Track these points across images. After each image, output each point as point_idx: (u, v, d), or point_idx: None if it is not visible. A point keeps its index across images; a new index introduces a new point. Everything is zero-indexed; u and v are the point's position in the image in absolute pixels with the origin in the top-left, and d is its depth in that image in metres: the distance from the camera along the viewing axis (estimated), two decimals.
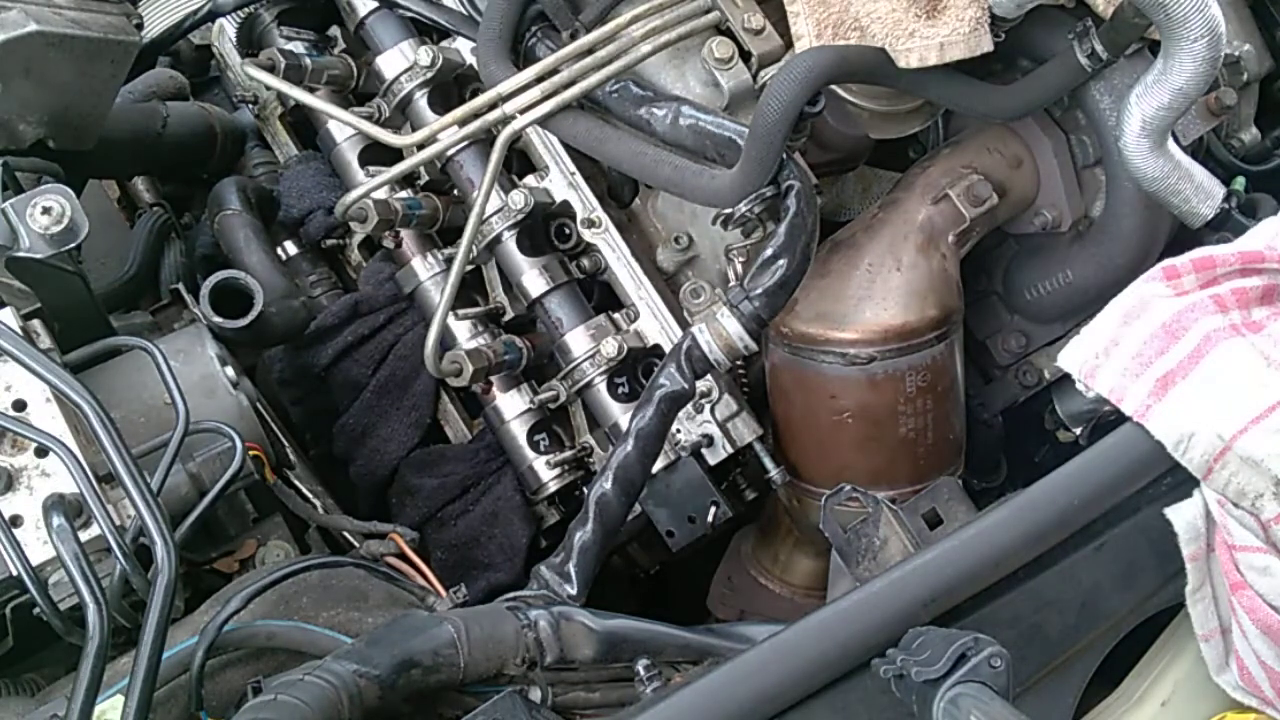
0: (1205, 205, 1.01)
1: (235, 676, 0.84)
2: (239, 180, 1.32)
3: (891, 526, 0.84)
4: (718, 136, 1.04)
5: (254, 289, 1.08)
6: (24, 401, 0.85)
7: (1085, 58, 1.01)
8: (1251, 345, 0.78)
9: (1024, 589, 0.77)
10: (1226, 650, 0.79)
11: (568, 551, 0.97)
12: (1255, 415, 0.73)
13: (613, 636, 0.86)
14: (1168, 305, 0.81)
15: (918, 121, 1.15)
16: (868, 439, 1.12)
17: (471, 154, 1.21)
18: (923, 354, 1.09)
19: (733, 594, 1.35)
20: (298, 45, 1.31)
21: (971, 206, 1.13)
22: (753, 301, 1.01)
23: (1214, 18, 0.91)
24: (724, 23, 1.10)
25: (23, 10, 0.98)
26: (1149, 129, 0.97)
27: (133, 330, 1.14)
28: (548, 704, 0.83)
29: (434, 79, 1.23)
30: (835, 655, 0.73)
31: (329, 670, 0.73)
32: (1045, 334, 1.26)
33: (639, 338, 1.18)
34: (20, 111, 1.04)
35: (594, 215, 1.19)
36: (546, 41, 1.16)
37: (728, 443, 1.15)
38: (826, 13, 1.03)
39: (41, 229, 0.90)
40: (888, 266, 1.10)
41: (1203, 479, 0.76)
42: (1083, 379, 0.83)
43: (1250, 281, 0.83)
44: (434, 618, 0.82)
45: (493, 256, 1.23)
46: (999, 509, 0.77)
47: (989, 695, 0.64)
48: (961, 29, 0.99)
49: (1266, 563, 0.74)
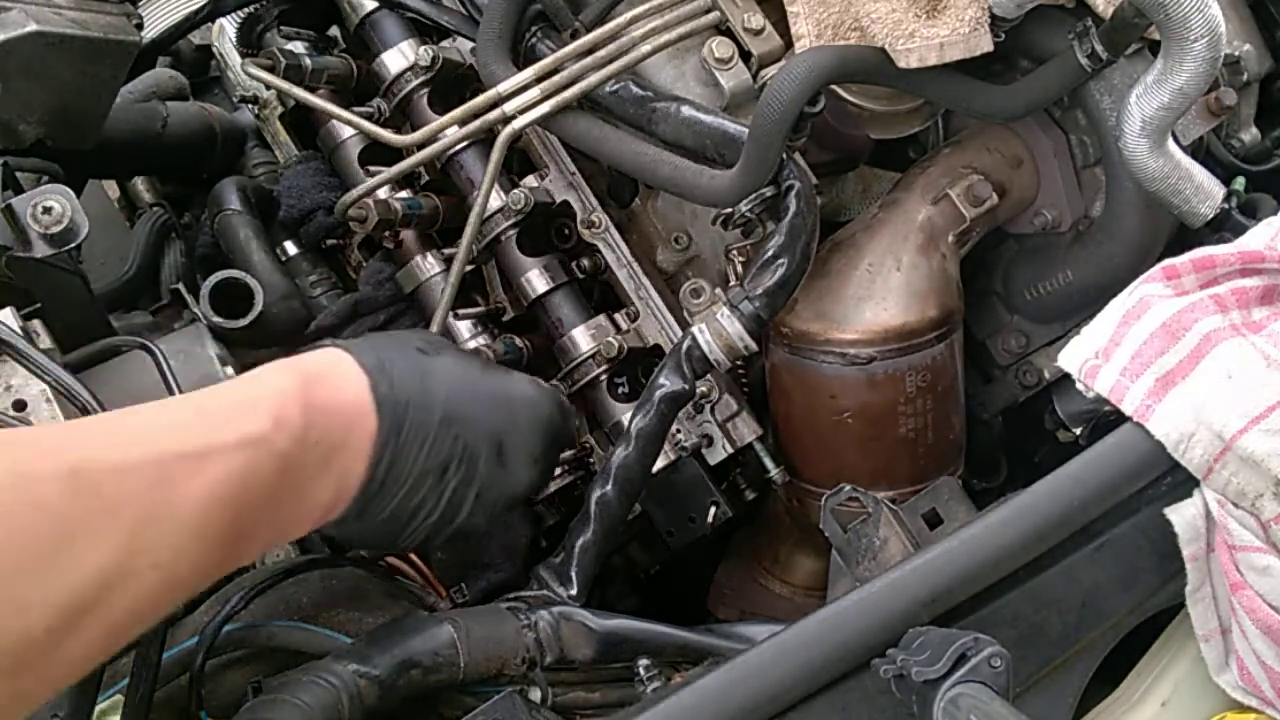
0: (1205, 205, 1.01)
1: (235, 676, 0.84)
2: (239, 180, 1.32)
3: (891, 526, 0.84)
4: (718, 136, 1.04)
5: (254, 289, 1.08)
6: (24, 402, 0.85)
7: (1085, 58, 1.01)
8: (1251, 345, 0.78)
9: (1024, 589, 0.77)
10: (1226, 650, 0.79)
11: (568, 552, 0.97)
12: (1255, 415, 0.73)
13: (613, 636, 0.87)
14: (1168, 305, 0.81)
15: (918, 121, 1.15)
16: (868, 439, 1.12)
17: (472, 154, 1.21)
18: (923, 354, 1.09)
19: (733, 594, 1.35)
20: (298, 45, 1.31)
21: (971, 206, 1.13)
22: (753, 301, 1.01)
23: (1214, 18, 0.91)
24: (724, 23, 1.10)
25: (23, 10, 0.98)
26: (1149, 129, 0.97)
27: (133, 330, 1.14)
28: (548, 704, 0.83)
29: (434, 79, 1.23)
30: (835, 655, 0.73)
31: (329, 670, 0.73)
32: (1045, 334, 1.26)
33: (639, 338, 1.18)
34: (20, 111, 1.04)
35: (594, 215, 1.19)
36: (546, 41, 1.16)
37: (728, 443, 1.15)
38: (826, 13, 1.03)
39: (41, 229, 0.90)
40: (888, 266, 1.10)
41: (1203, 479, 0.76)
42: (1083, 379, 0.83)
43: (1250, 281, 0.83)
44: (434, 618, 0.82)
45: (493, 256, 1.23)
46: (999, 509, 0.77)
47: (989, 695, 0.64)
48: (961, 29, 0.99)
49: (1267, 563, 0.74)
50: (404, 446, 0.76)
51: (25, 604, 0.52)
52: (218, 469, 0.63)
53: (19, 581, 0.52)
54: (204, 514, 0.62)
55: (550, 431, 0.89)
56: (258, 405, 0.68)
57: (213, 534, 0.62)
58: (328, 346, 0.79)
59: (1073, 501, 0.77)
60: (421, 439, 0.77)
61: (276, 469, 0.67)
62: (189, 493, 0.61)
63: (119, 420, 0.65)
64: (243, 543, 0.66)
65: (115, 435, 0.62)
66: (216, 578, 0.66)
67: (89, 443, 0.60)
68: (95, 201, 1.48)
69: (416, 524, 0.79)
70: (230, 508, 0.63)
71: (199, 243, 1.36)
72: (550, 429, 0.89)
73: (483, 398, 0.84)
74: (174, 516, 0.60)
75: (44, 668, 0.54)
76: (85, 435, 0.62)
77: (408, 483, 0.77)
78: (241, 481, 0.64)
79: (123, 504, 0.57)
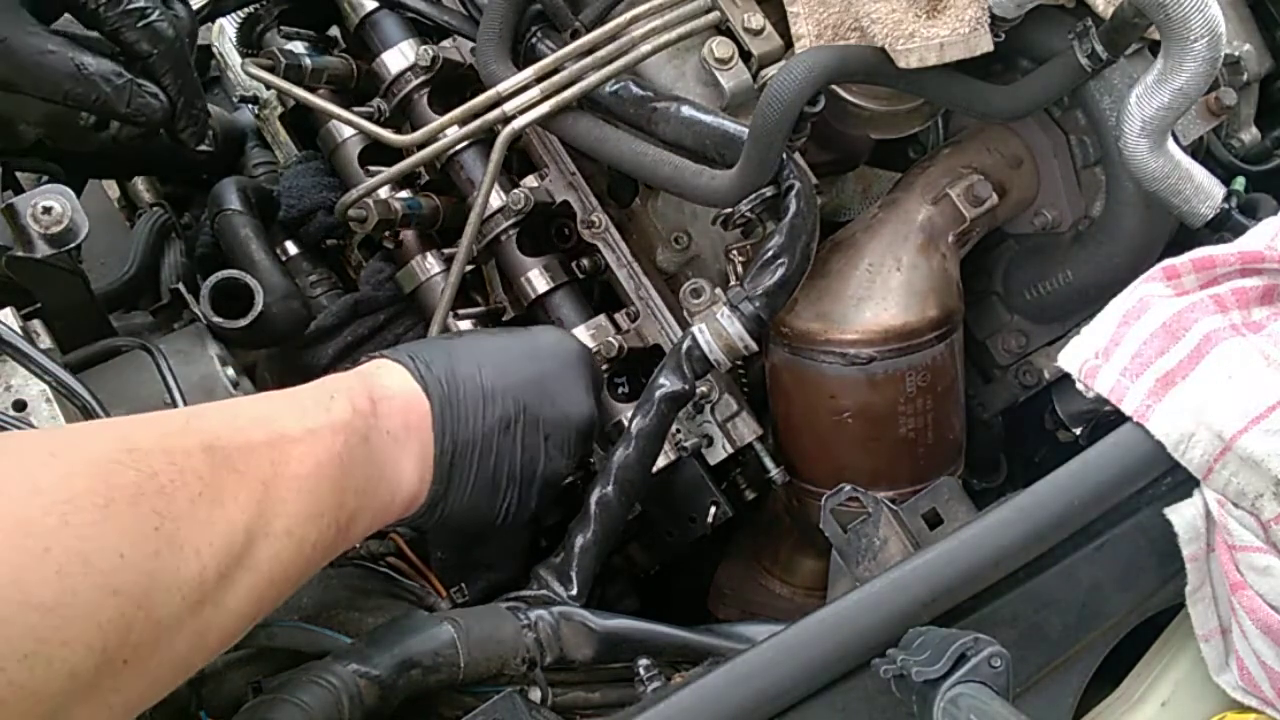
0: (1205, 205, 1.01)
1: (235, 676, 0.84)
2: (239, 180, 1.31)
3: (891, 526, 0.84)
4: (718, 136, 1.04)
5: (254, 289, 1.08)
6: (24, 401, 0.85)
7: (1085, 58, 1.01)
8: (1252, 345, 0.78)
9: (1024, 589, 0.77)
10: (1226, 650, 0.79)
11: (568, 552, 0.96)
12: (1255, 415, 0.73)
13: (613, 636, 0.86)
14: (1168, 305, 0.81)
15: (918, 121, 1.15)
16: (868, 439, 1.12)
17: (472, 154, 1.22)
18: (923, 354, 1.09)
19: (733, 594, 1.35)
20: (298, 45, 1.31)
21: (971, 206, 1.13)
22: (753, 301, 1.01)
23: (1214, 18, 0.90)
24: (724, 23, 1.10)
25: None
26: (1149, 129, 0.97)
27: (133, 330, 1.14)
28: (548, 704, 0.83)
29: (434, 79, 1.23)
30: (835, 655, 0.73)
31: (329, 670, 0.73)
32: (1045, 334, 1.26)
33: (639, 338, 1.18)
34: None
35: (594, 215, 1.19)
36: (546, 41, 1.16)
37: (728, 443, 1.15)
38: (826, 13, 1.03)
39: (41, 229, 0.90)
40: (888, 266, 1.10)
41: (1203, 479, 0.76)
42: (1083, 379, 0.83)
43: (1250, 281, 0.83)
44: (434, 618, 0.82)
45: (493, 256, 1.23)
46: (999, 509, 0.77)
47: (989, 695, 0.64)
48: (961, 29, 0.99)
49: (1267, 563, 0.74)
50: (459, 415, 0.85)
51: (195, 549, 0.61)
52: (321, 449, 0.72)
53: (185, 530, 0.60)
54: (315, 489, 0.70)
55: (585, 363, 0.99)
56: (336, 398, 0.77)
57: (326, 509, 0.71)
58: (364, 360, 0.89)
59: (1073, 501, 0.77)
60: (473, 404, 0.86)
61: (364, 452, 0.76)
62: (301, 470, 0.70)
63: (227, 409, 0.73)
64: (349, 523, 0.74)
65: (231, 420, 0.70)
66: (333, 555, 0.74)
67: (210, 427, 0.68)
68: (95, 201, 1.48)
69: (503, 485, 0.89)
70: (332, 485, 0.72)
71: (199, 243, 1.36)
72: (584, 361, 0.99)
73: (514, 354, 0.93)
74: (293, 488, 0.68)
75: (214, 612, 0.62)
76: (204, 421, 0.69)
77: (477, 447, 0.86)
78: (339, 461, 0.73)
79: (251, 475, 0.66)
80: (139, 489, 0.59)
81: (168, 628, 0.59)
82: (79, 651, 0.54)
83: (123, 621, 0.56)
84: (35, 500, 0.55)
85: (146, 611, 0.57)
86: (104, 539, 0.56)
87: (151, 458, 0.61)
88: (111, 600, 0.56)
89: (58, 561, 0.54)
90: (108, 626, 0.55)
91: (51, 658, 0.53)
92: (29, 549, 0.54)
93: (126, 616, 0.56)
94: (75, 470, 0.58)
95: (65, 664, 0.53)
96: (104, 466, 0.59)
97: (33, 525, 0.54)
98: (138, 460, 0.60)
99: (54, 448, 0.60)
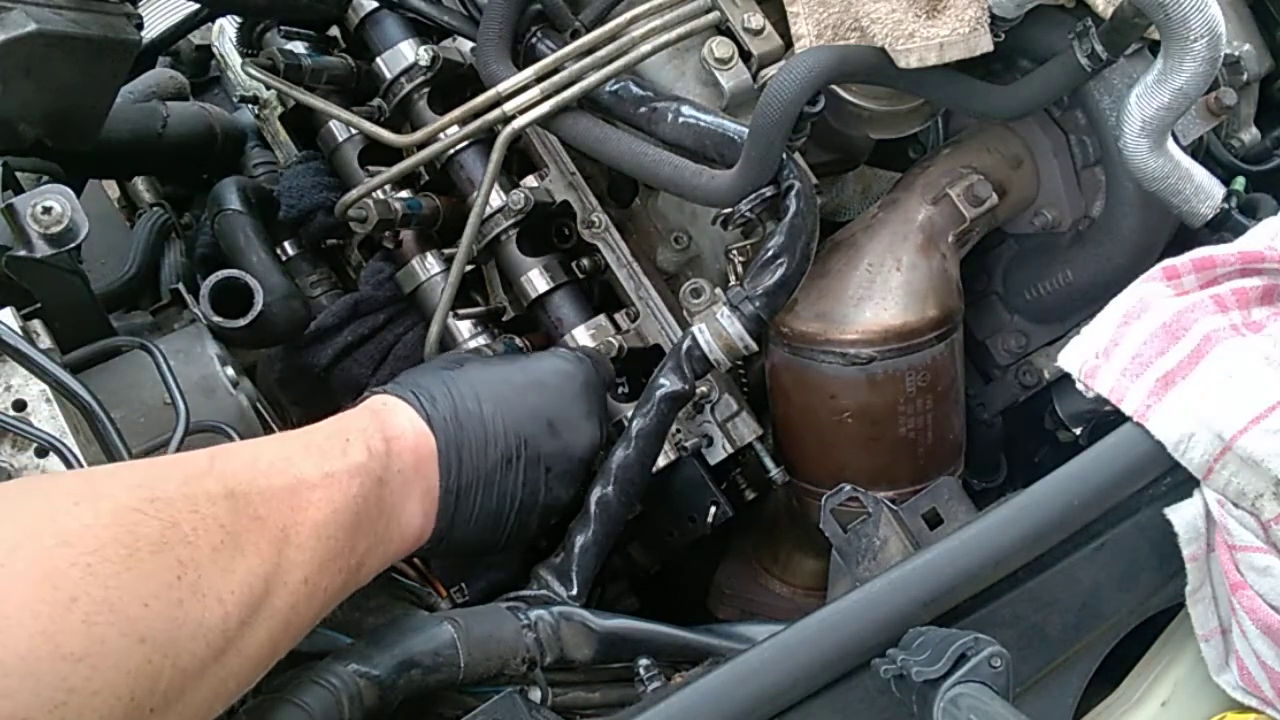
0: (1205, 205, 1.01)
1: None
2: (239, 180, 1.32)
3: (891, 526, 0.84)
4: (718, 136, 1.04)
5: (254, 289, 1.08)
6: (24, 401, 0.85)
7: (1085, 58, 1.01)
8: (1252, 345, 0.78)
9: (1024, 589, 0.77)
10: (1226, 650, 0.79)
11: (567, 552, 0.96)
12: (1255, 415, 0.73)
13: (613, 636, 0.86)
14: (1168, 305, 0.81)
15: (918, 121, 1.15)
16: (868, 439, 1.11)
17: (472, 154, 1.22)
18: (923, 354, 1.09)
19: (733, 594, 1.35)
20: (298, 45, 1.31)
21: (971, 206, 1.13)
22: (753, 301, 1.01)
23: (1214, 18, 0.91)
24: (724, 23, 1.10)
25: (23, 10, 0.98)
26: (1149, 129, 0.97)
27: (133, 330, 1.14)
28: (548, 704, 0.83)
29: (434, 79, 1.23)
30: (835, 655, 0.73)
31: (329, 670, 0.73)
32: (1045, 334, 1.26)
33: (639, 337, 1.18)
34: (20, 111, 1.03)
35: (594, 215, 1.19)
36: (546, 41, 1.16)
37: (728, 443, 1.15)
38: (826, 13, 1.03)
39: (41, 229, 0.90)
40: (888, 266, 1.10)
41: (1203, 479, 0.76)
42: (1083, 379, 0.83)
43: (1250, 281, 0.83)
44: (434, 618, 0.82)
45: (493, 256, 1.23)
46: (999, 509, 0.77)
47: (989, 695, 0.64)
48: (961, 29, 0.99)
49: (1267, 563, 0.74)
50: (463, 454, 0.86)
51: (218, 596, 0.61)
52: (338, 493, 0.73)
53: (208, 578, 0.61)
54: (333, 534, 0.71)
55: (590, 391, 0.99)
56: (353, 440, 0.78)
57: (340, 553, 0.73)
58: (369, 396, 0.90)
59: (1073, 501, 0.77)
60: (476, 442, 0.87)
61: (378, 495, 0.77)
62: (319, 515, 0.71)
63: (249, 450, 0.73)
64: (359, 566, 0.76)
65: (252, 463, 0.71)
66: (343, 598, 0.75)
67: (233, 470, 0.68)
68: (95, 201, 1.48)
69: (505, 515, 0.90)
70: (348, 530, 0.73)
71: (199, 243, 1.36)
72: (589, 388, 0.99)
73: (518, 386, 0.94)
74: (311, 535, 0.70)
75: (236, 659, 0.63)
76: (227, 464, 0.69)
77: (480, 482, 0.87)
78: (354, 506, 0.74)
79: (271, 521, 0.67)
80: (162, 538, 0.60)
81: (193, 675, 0.59)
82: (109, 701, 0.54)
83: (150, 669, 0.56)
84: (61, 551, 0.55)
85: (173, 659, 0.58)
86: (129, 588, 0.57)
87: (174, 505, 0.62)
88: (139, 649, 0.56)
89: (85, 611, 0.54)
90: (136, 675, 0.55)
91: (83, 708, 0.53)
92: (57, 600, 0.54)
93: (154, 664, 0.56)
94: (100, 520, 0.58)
95: (95, 713, 0.53)
96: (128, 515, 0.59)
97: (60, 576, 0.54)
98: (160, 510, 0.61)
99: (78, 495, 0.59)
